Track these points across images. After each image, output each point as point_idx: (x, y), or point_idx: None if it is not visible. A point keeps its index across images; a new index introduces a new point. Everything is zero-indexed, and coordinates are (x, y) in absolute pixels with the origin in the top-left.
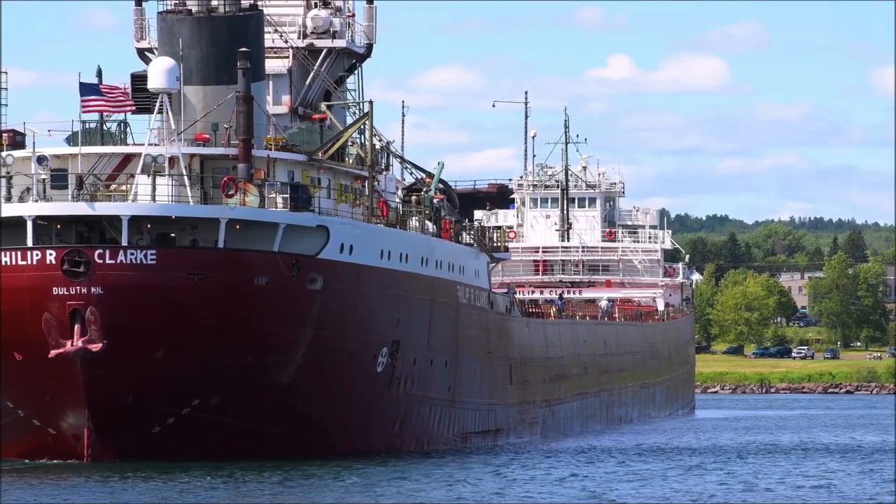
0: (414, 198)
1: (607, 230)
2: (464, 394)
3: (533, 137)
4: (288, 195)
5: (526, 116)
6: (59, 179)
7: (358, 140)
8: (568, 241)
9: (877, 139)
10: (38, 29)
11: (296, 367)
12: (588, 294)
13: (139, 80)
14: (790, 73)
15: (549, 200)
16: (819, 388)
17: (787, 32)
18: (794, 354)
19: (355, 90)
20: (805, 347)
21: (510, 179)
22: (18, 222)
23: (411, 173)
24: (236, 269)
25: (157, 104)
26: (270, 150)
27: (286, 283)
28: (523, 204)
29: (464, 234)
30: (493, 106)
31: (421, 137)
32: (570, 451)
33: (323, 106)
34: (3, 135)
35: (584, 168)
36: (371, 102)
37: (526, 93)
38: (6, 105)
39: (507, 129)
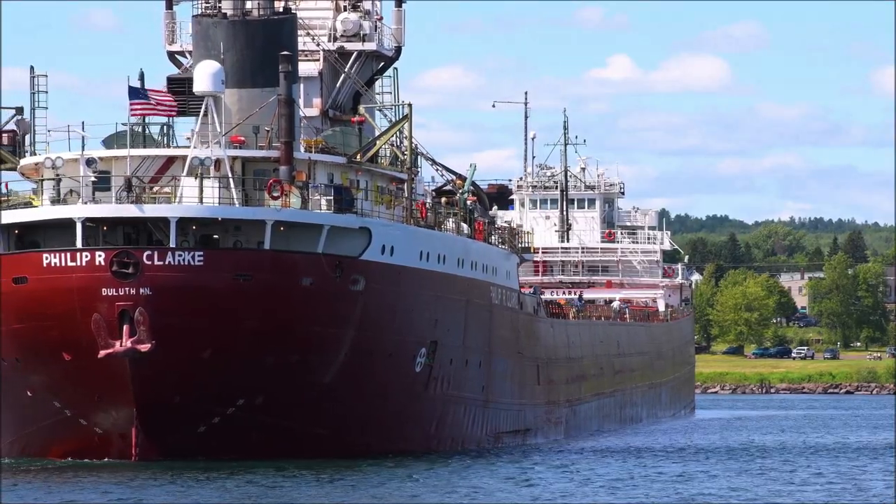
0: (444, 199)
1: (606, 231)
2: (496, 394)
3: (532, 139)
4: (332, 197)
5: (526, 117)
6: (101, 181)
7: (391, 142)
8: (567, 241)
9: (877, 139)
10: (38, 29)
11: (337, 367)
12: (589, 295)
13: (174, 82)
14: (790, 73)
15: (549, 201)
16: (819, 389)
17: (787, 32)
18: (794, 355)
19: (388, 93)
20: (805, 348)
21: (510, 180)
22: (63, 224)
23: (442, 175)
24: (282, 271)
25: (203, 107)
26: (311, 152)
27: (330, 285)
28: (523, 205)
29: (493, 235)
30: (493, 106)
31: (421, 137)
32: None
33: (362, 108)
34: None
35: (583, 169)
36: (410, 105)
37: (526, 93)
38: (46, 108)
39: (507, 129)
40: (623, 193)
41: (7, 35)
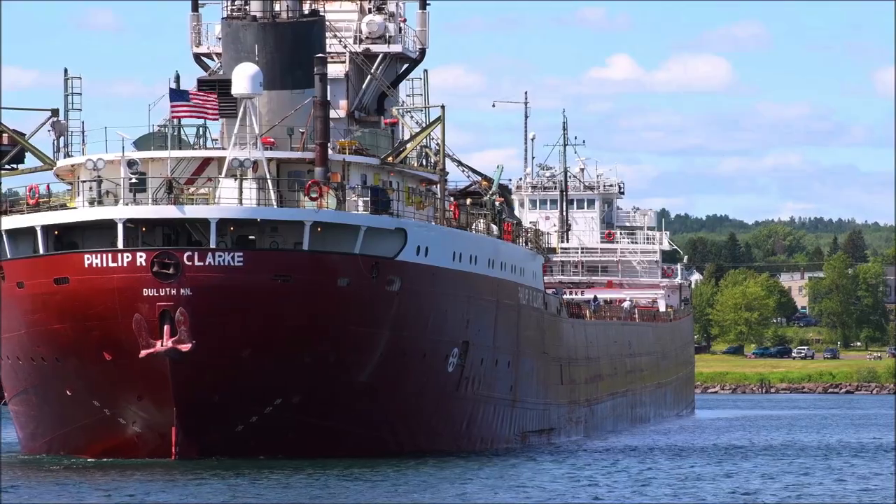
0: (469, 200)
1: (606, 231)
2: (523, 393)
3: (532, 139)
4: (368, 198)
5: (526, 117)
6: (137, 182)
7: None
8: (567, 242)
9: (878, 139)
10: (38, 28)
11: (373, 367)
12: (590, 295)
13: (206, 84)
14: (791, 72)
15: (549, 202)
16: (819, 389)
17: (788, 32)
18: (794, 354)
19: (418, 94)
20: (805, 347)
21: (510, 180)
22: (102, 224)
23: (468, 176)
24: (320, 271)
25: (241, 110)
26: (345, 153)
27: (366, 285)
28: (522, 205)
29: (520, 236)
30: (493, 106)
31: None
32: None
33: (394, 110)
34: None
35: (582, 170)
36: (443, 107)
37: (526, 93)
38: (80, 110)
39: (507, 129)
40: (623, 193)
41: (7, 34)
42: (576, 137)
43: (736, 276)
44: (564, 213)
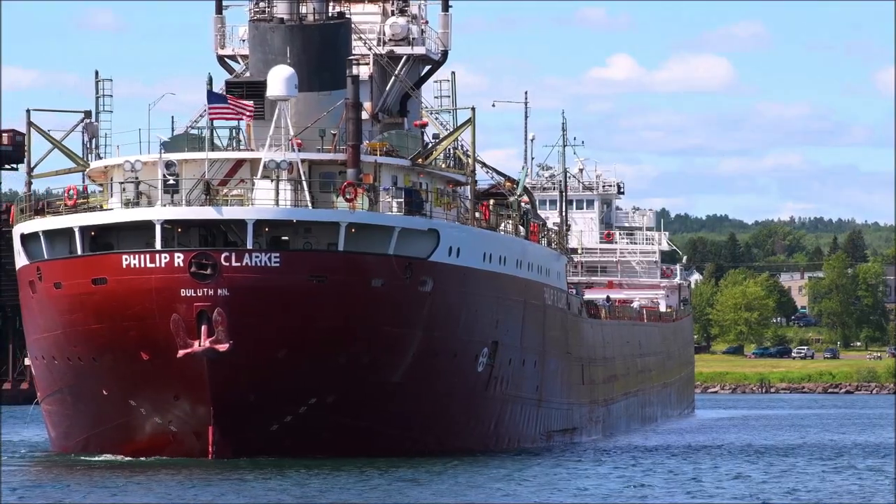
0: (492, 201)
1: (605, 232)
2: (548, 393)
3: (531, 140)
4: (402, 199)
5: (526, 117)
6: (173, 184)
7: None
8: (567, 242)
9: (878, 139)
10: (38, 28)
11: (406, 367)
12: (591, 295)
13: (234, 86)
14: (792, 72)
15: (548, 202)
16: (819, 388)
17: (789, 32)
18: (793, 354)
19: (446, 96)
20: (805, 347)
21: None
22: (138, 225)
23: (492, 177)
24: (354, 272)
25: (276, 112)
26: (376, 155)
27: (400, 286)
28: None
29: (545, 237)
30: (493, 106)
31: None
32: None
33: (424, 112)
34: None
35: (581, 170)
36: (473, 108)
37: (526, 93)
38: (111, 111)
39: (507, 129)
40: (623, 193)
41: (7, 34)
42: (575, 138)
43: (736, 276)
44: (564, 214)
